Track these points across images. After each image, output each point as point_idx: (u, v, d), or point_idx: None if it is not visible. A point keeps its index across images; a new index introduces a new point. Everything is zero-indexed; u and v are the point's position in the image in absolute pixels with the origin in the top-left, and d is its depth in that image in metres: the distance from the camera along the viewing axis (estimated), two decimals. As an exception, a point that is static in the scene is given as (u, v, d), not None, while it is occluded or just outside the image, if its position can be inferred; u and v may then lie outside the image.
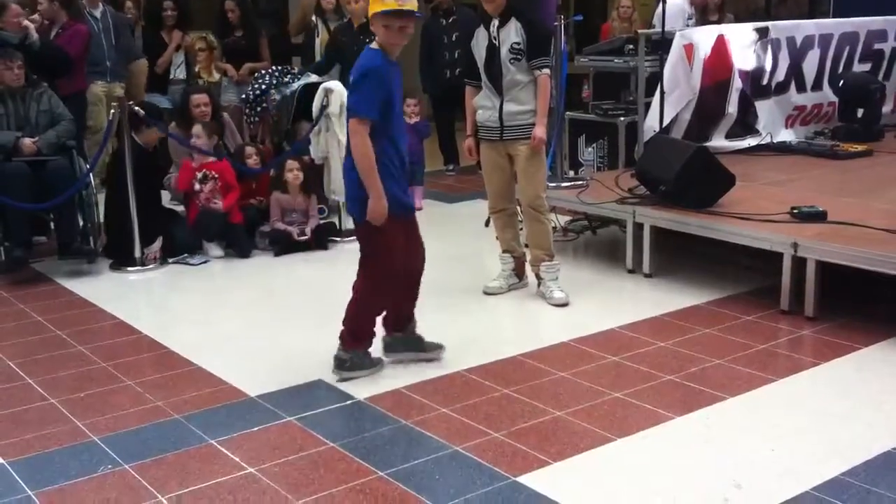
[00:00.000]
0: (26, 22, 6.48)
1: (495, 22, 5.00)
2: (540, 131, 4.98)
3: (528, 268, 5.34)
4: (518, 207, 5.29)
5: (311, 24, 8.19)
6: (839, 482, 3.10)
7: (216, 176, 6.22)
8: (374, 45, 3.86)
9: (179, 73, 8.13)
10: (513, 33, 4.96)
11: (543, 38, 5.15)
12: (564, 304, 5.05)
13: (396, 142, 3.89)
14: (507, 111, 5.01)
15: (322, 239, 6.33)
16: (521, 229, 5.35)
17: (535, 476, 3.18)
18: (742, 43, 6.74)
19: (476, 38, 5.09)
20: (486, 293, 5.26)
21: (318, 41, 8.03)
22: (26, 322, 4.98)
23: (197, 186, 6.19)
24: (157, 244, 6.02)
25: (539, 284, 5.21)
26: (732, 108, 6.77)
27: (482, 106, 5.12)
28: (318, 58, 7.94)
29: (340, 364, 4.03)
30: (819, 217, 4.95)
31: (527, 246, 5.33)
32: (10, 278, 5.71)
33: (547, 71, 5.02)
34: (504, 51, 4.97)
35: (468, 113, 5.23)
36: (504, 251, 5.31)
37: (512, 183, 5.24)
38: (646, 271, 5.45)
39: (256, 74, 7.57)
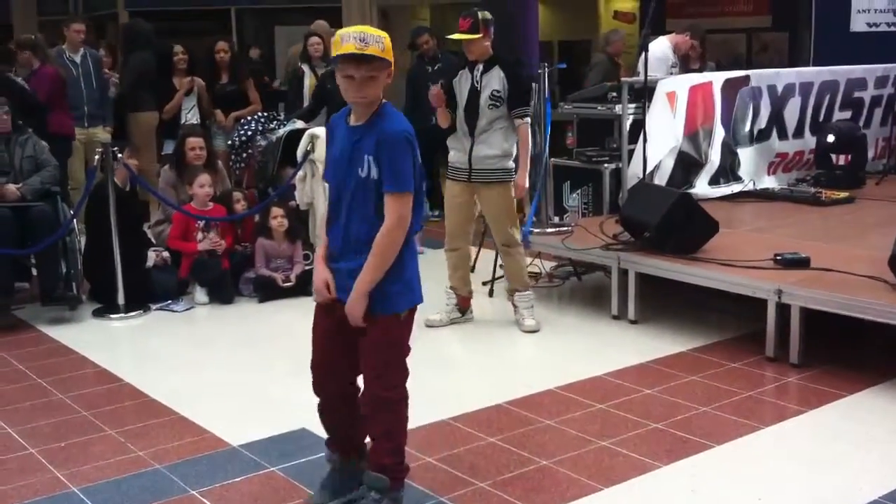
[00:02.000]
0: None
1: (479, 67, 5.16)
2: (522, 179, 5.16)
3: (472, 303, 5.61)
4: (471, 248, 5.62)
5: (299, 70, 8.23)
6: (827, 532, 3.08)
7: (217, 224, 6.24)
8: None
9: (192, 116, 8.06)
10: (494, 80, 5.13)
11: (526, 88, 5.31)
12: (535, 331, 5.33)
13: (331, 211, 3.17)
14: (477, 154, 5.19)
15: (307, 285, 6.30)
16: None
17: (521, 527, 3.14)
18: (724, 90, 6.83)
19: (459, 79, 5.26)
20: (427, 325, 5.41)
21: (306, 87, 8.07)
22: (6, 370, 4.92)
23: (200, 236, 6.18)
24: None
25: (514, 312, 5.45)
26: (715, 154, 6.83)
27: (453, 147, 5.31)
28: (306, 104, 7.97)
29: None
30: (802, 263, 4.97)
31: (490, 282, 5.74)
32: (-10, 325, 5.66)
33: (528, 120, 5.20)
34: (484, 96, 5.14)
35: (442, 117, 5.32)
36: (451, 287, 5.51)
37: (469, 224, 5.47)
38: (631, 317, 5.45)
39: (242, 121, 7.59)
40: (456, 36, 5.13)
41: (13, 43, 7.43)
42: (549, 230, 6.12)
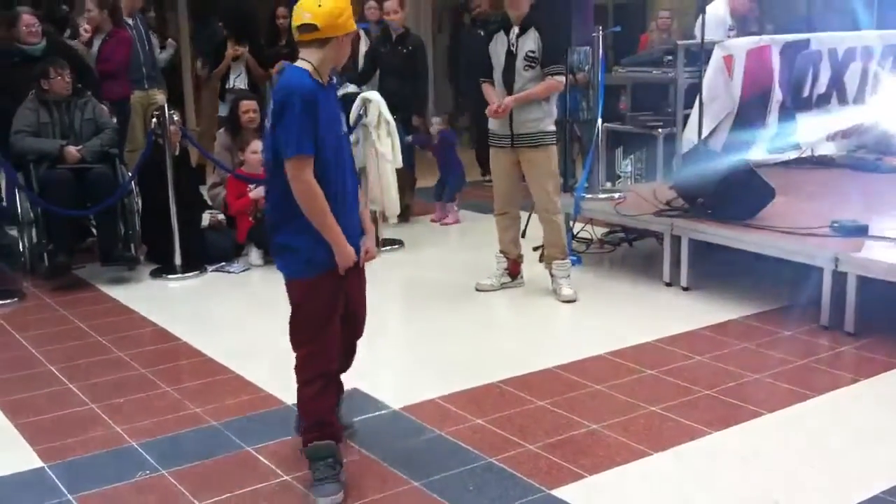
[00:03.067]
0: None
1: (515, 30, 5.17)
2: (508, 100, 5.11)
3: (523, 268, 5.63)
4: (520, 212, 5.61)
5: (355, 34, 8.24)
6: (880, 500, 3.05)
7: None
8: (304, 64, 3.08)
9: (240, 82, 8.18)
10: (530, 41, 5.12)
11: (559, 47, 5.29)
12: (572, 301, 5.29)
13: (330, 182, 3.07)
14: (517, 119, 5.18)
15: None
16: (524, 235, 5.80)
17: (569, 489, 3.17)
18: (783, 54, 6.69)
19: (495, 43, 5.26)
20: (477, 290, 5.51)
21: (361, 51, 8.09)
22: (68, 327, 5.06)
23: (253, 195, 6.24)
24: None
25: (552, 281, 5.42)
26: (773, 120, 6.71)
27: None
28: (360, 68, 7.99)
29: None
30: (860, 231, 4.89)
31: (541, 248, 5.66)
32: (53, 284, 5.80)
33: (560, 78, 5.18)
34: (520, 58, 5.13)
35: (492, 95, 5.26)
36: (500, 251, 5.54)
37: (517, 188, 5.47)
38: (683, 284, 5.41)
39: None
40: None
41: (96, 2, 7.49)
42: (602, 196, 6.08)
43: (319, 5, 2.99)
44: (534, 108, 5.15)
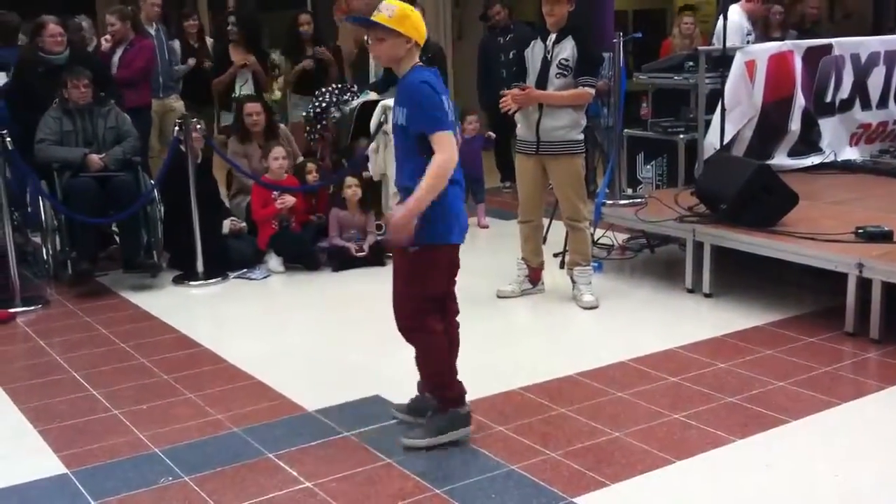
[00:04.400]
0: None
1: (552, 37, 5.14)
2: (535, 93, 5.08)
3: (544, 274, 5.59)
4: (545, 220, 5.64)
5: (366, 43, 8.25)
6: (907, 510, 3.02)
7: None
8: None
9: (246, 89, 8.18)
10: (565, 49, 5.10)
11: (594, 58, 5.26)
12: (594, 307, 5.26)
13: None
14: (544, 126, 5.15)
15: (379, 255, 6.36)
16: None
17: (591, 497, 3.15)
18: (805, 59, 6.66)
19: (532, 49, 5.24)
20: (498, 297, 5.49)
21: (372, 60, 8.10)
22: (91, 334, 5.09)
23: (278, 204, 6.28)
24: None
25: (573, 287, 5.39)
26: (795, 125, 6.67)
27: (520, 121, 5.28)
28: (372, 77, 8.00)
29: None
30: (885, 237, 4.85)
31: (561, 254, 5.66)
32: (76, 291, 5.85)
33: (591, 90, 5.14)
34: (553, 65, 5.09)
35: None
36: (522, 258, 5.53)
37: (542, 196, 5.44)
38: (706, 291, 5.38)
39: (317, 92, 7.66)
40: None
41: (116, 12, 7.56)
42: (623, 202, 6.05)
43: None
44: (562, 116, 5.11)
